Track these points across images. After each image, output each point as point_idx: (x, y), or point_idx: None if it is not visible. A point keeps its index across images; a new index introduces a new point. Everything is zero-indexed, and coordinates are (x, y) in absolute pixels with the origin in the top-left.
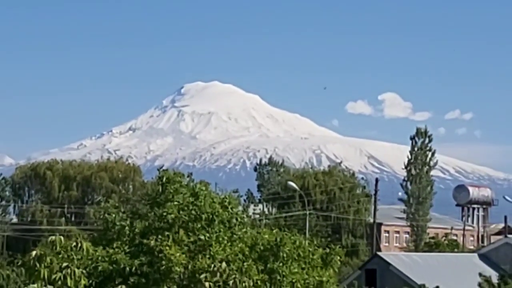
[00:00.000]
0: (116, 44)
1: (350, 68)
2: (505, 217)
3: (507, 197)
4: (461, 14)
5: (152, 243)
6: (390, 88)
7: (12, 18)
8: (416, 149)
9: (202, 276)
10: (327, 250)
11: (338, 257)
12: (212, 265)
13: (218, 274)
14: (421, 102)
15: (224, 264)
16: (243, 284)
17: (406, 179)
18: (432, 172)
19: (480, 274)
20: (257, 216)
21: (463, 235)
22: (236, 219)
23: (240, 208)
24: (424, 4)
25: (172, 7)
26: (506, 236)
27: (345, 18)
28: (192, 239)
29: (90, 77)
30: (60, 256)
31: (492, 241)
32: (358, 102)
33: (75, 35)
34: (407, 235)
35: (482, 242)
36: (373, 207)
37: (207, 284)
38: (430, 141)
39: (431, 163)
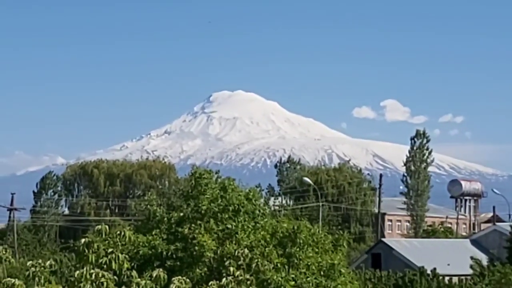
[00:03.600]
0: (155, 60)
1: (356, 79)
2: (494, 207)
3: (495, 190)
4: (451, 27)
5: (186, 231)
6: (391, 95)
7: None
8: (414, 148)
9: (227, 263)
10: (337, 236)
11: (346, 242)
12: (236, 252)
13: (242, 259)
14: (418, 107)
15: (246, 250)
16: (265, 267)
17: (406, 174)
18: (429, 168)
19: (471, 258)
20: (277, 207)
21: (457, 223)
22: (259, 210)
23: (262, 200)
24: (419, 20)
25: (208, 30)
26: (494, 224)
27: (349, 37)
28: (220, 228)
29: (132, 88)
30: (106, 243)
31: (482, 228)
32: (363, 108)
33: (122, 50)
34: (408, 224)
35: (473, 229)
36: (377, 199)
37: (231, 269)
38: (427, 141)
39: (428, 161)
